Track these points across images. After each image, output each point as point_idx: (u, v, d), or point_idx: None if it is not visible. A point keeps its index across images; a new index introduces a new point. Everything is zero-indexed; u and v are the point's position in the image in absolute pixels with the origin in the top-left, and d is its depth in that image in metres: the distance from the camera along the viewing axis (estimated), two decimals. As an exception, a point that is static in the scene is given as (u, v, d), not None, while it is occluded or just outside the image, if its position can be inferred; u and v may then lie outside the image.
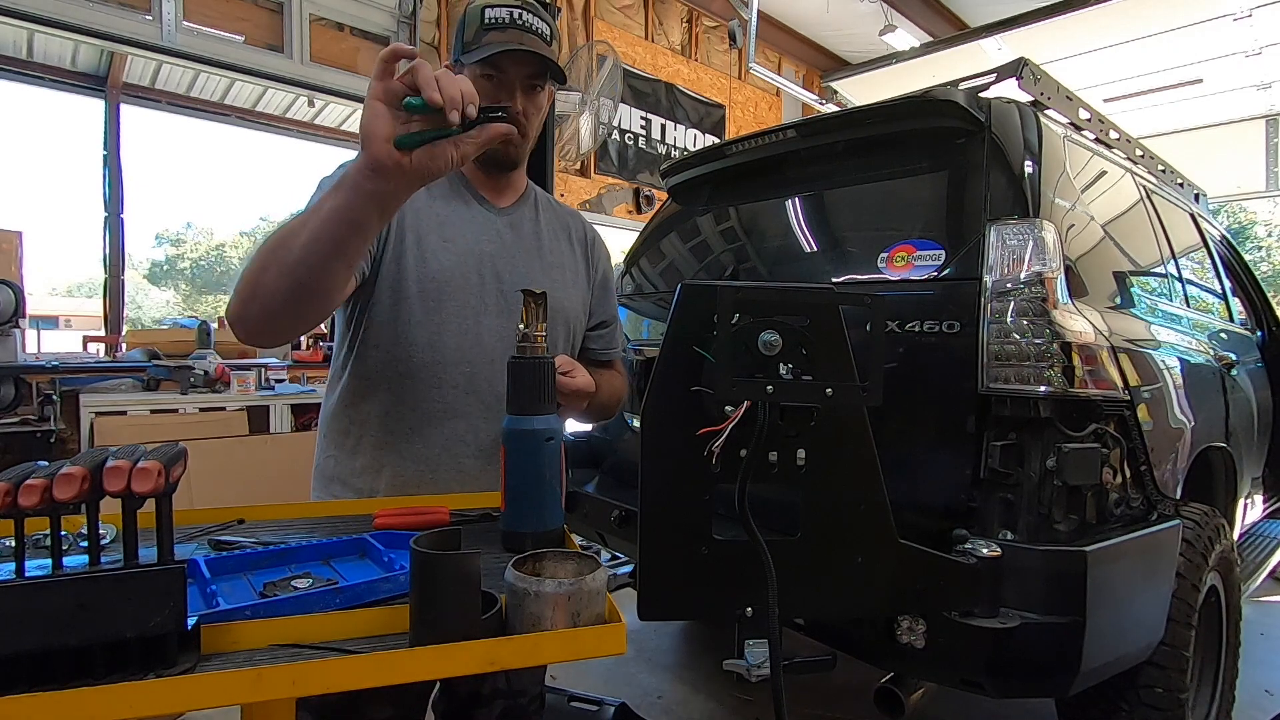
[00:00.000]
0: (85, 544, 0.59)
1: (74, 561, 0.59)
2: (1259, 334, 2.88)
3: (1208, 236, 2.69)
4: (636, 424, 2.06)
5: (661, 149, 5.73)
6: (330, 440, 1.18)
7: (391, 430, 1.13)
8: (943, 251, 1.50)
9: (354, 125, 6.12)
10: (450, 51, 1.18)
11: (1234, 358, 2.17)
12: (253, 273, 0.87)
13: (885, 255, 1.57)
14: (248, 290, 0.88)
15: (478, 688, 1.20)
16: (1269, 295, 3.09)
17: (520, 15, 1.11)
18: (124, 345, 4.02)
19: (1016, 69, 1.73)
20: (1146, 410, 1.50)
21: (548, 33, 1.14)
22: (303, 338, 4.43)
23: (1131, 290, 1.75)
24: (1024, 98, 1.71)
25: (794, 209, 1.96)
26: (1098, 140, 1.98)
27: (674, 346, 0.92)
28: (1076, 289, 1.45)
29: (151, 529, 0.59)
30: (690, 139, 5.96)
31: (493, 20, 1.11)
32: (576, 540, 0.94)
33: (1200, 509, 1.65)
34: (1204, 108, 7.01)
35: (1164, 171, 2.51)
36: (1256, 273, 3.16)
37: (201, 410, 3.46)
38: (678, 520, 0.93)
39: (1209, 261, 2.61)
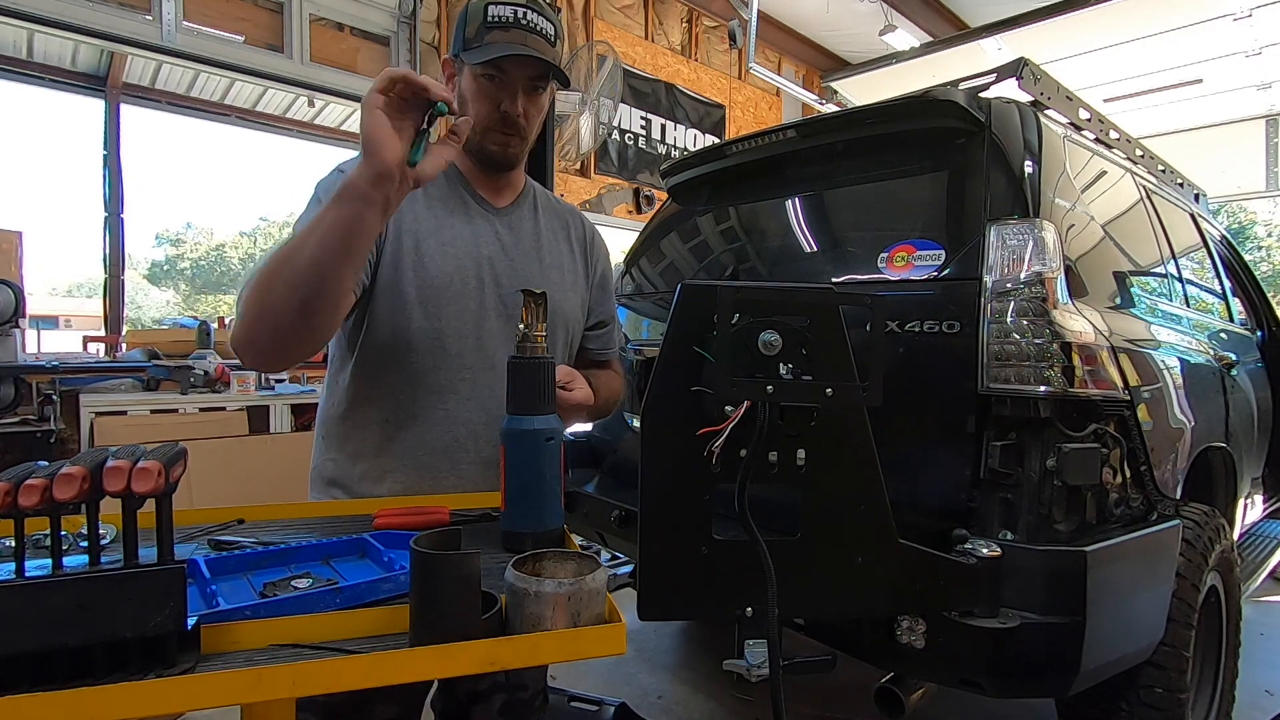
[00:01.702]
0: (85, 544, 0.59)
1: (74, 561, 0.59)
2: (1259, 334, 2.88)
3: (1208, 236, 2.69)
4: (636, 424, 2.06)
5: (661, 149, 5.73)
6: (330, 444, 1.17)
7: (392, 437, 1.12)
8: (943, 251, 1.50)
9: (354, 125, 6.12)
10: (449, 49, 1.17)
11: (1234, 358, 2.17)
12: (257, 293, 0.87)
13: (885, 255, 1.57)
14: (254, 310, 0.87)
15: (475, 685, 1.20)
16: (1269, 295, 3.09)
17: (525, 15, 1.09)
18: (124, 345, 4.01)
19: (1016, 69, 1.73)
20: (1146, 410, 1.50)
21: (551, 32, 1.12)
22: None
23: (1131, 290, 1.75)
24: (1024, 98, 1.71)
25: (794, 209, 1.96)
26: (1098, 140, 1.98)
27: (674, 346, 0.92)
28: (1076, 289, 1.45)
29: (151, 529, 0.59)
30: (690, 139, 5.96)
31: (496, 18, 1.08)
32: (576, 540, 0.95)
33: (1200, 509, 1.65)
34: (1204, 108, 7.01)
35: (1164, 171, 2.51)
36: (1256, 273, 3.16)
37: (201, 410, 3.46)
38: (678, 520, 0.92)
39: (1209, 261, 2.61)
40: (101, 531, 0.61)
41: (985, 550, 1.23)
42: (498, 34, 1.08)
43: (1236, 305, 2.75)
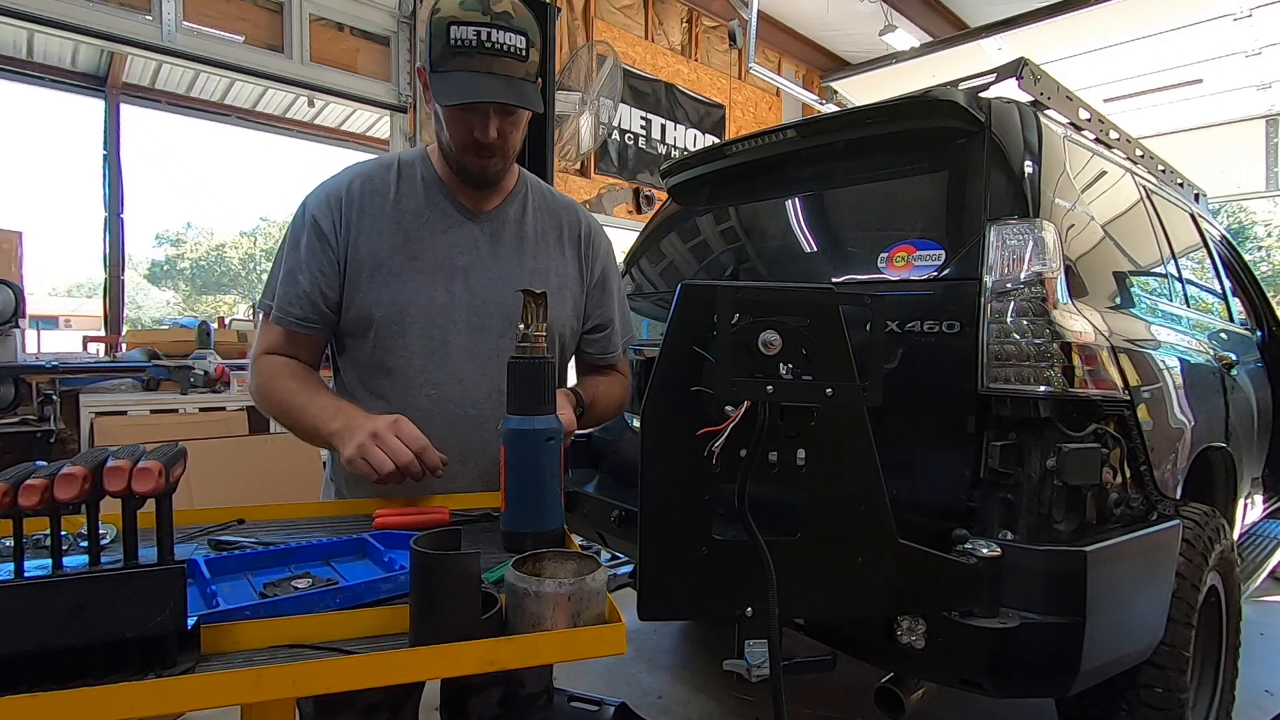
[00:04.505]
0: (85, 544, 0.59)
1: (74, 561, 0.59)
2: (1259, 334, 2.88)
3: (1208, 236, 2.69)
4: (636, 424, 2.06)
5: (661, 149, 5.73)
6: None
7: None
8: (943, 251, 1.50)
9: (354, 125, 6.15)
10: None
11: (1234, 358, 2.17)
12: (268, 409, 1.13)
13: (885, 255, 1.57)
14: (266, 411, 1.15)
15: (469, 678, 1.19)
16: (1269, 295, 3.09)
17: (489, 36, 1.00)
18: (124, 345, 4.01)
19: (1016, 69, 1.72)
20: (1146, 410, 1.50)
21: (522, 45, 1.02)
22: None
23: (1131, 290, 1.75)
24: (1024, 98, 1.71)
25: (794, 209, 1.96)
26: (1098, 140, 1.98)
27: (674, 346, 0.92)
28: (1076, 289, 1.45)
29: (151, 529, 0.59)
30: (690, 139, 5.96)
31: (458, 42, 1.00)
32: (576, 540, 0.94)
33: (1200, 509, 1.65)
34: (1204, 108, 7.00)
35: (1164, 171, 2.51)
36: (1256, 273, 3.16)
37: (201, 410, 3.45)
38: (678, 520, 0.92)
39: (1209, 261, 2.61)
40: (101, 531, 0.61)
41: (985, 550, 1.23)
42: (461, 60, 1.01)
43: (1236, 305, 2.74)
